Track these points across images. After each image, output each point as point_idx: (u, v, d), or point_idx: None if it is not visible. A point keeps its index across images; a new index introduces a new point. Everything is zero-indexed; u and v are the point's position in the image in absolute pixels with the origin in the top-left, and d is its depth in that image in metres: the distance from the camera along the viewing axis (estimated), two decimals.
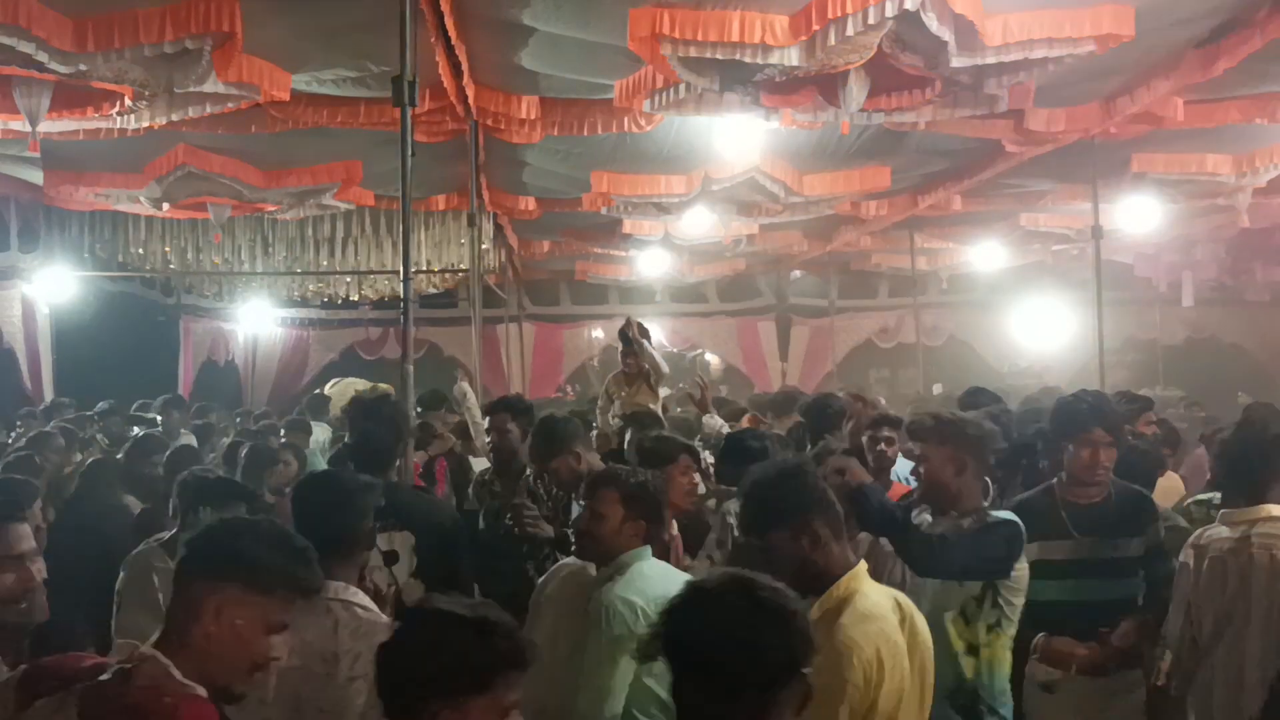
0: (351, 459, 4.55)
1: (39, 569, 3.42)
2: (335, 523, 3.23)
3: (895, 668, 2.94)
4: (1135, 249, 15.12)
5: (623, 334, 8.66)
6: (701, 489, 5.42)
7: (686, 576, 3.39)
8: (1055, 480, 4.64)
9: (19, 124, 6.82)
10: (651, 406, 7.92)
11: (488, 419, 6.15)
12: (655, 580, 3.54)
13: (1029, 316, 17.43)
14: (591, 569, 3.74)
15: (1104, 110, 8.08)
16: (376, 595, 3.59)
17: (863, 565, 3.17)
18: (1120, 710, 4.48)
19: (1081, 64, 6.48)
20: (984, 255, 15.74)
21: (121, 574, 4.56)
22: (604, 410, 8.50)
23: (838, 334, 19.40)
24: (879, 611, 3.04)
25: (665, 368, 8.56)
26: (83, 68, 5.98)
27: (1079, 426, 4.52)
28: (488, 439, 6.19)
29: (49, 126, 6.95)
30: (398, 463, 4.54)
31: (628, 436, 6.39)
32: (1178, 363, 17.63)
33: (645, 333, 8.67)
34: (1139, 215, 11.58)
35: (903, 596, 3.27)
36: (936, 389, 15.20)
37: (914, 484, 4.67)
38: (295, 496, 3.38)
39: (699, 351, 20.75)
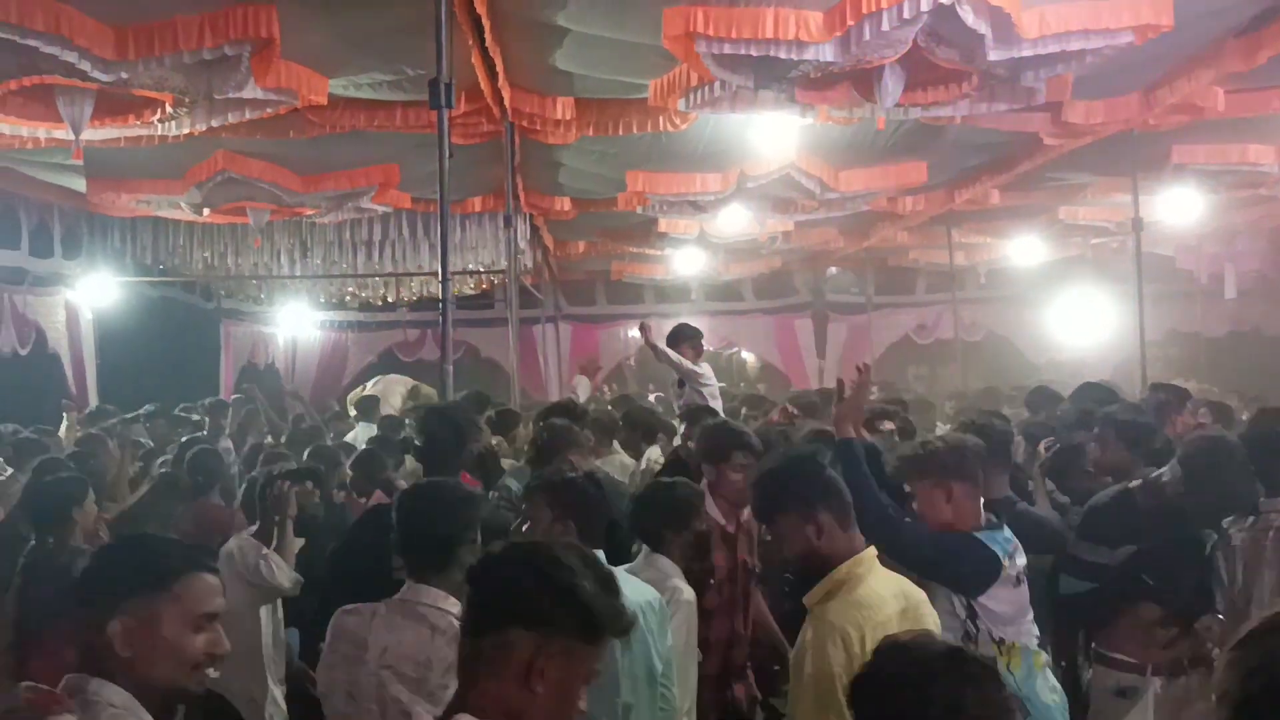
0: (419, 461, 4.67)
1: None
2: (439, 533, 3.22)
3: None
4: (1176, 241, 14.95)
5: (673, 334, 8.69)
6: None
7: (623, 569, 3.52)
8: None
9: (62, 132, 6.92)
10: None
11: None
12: None
13: (1069, 311, 17.27)
14: None
15: (1143, 101, 7.99)
16: None
17: (870, 553, 3.22)
18: (1199, 714, 4.28)
19: (1120, 55, 6.41)
20: (1023, 249, 15.62)
21: None
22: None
23: (875, 331, 19.31)
24: (870, 599, 3.08)
25: (688, 367, 8.48)
26: (124, 75, 6.06)
27: None
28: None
29: (91, 134, 7.06)
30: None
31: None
32: (1221, 356, 17.40)
33: (687, 337, 8.63)
34: (1180, 207, 11.48)
35: (912, 586, 3.28)
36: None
37: None
38: (400, 504, 3.35)
39: (735, 350, 20.71)
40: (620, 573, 3.41)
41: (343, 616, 3.26)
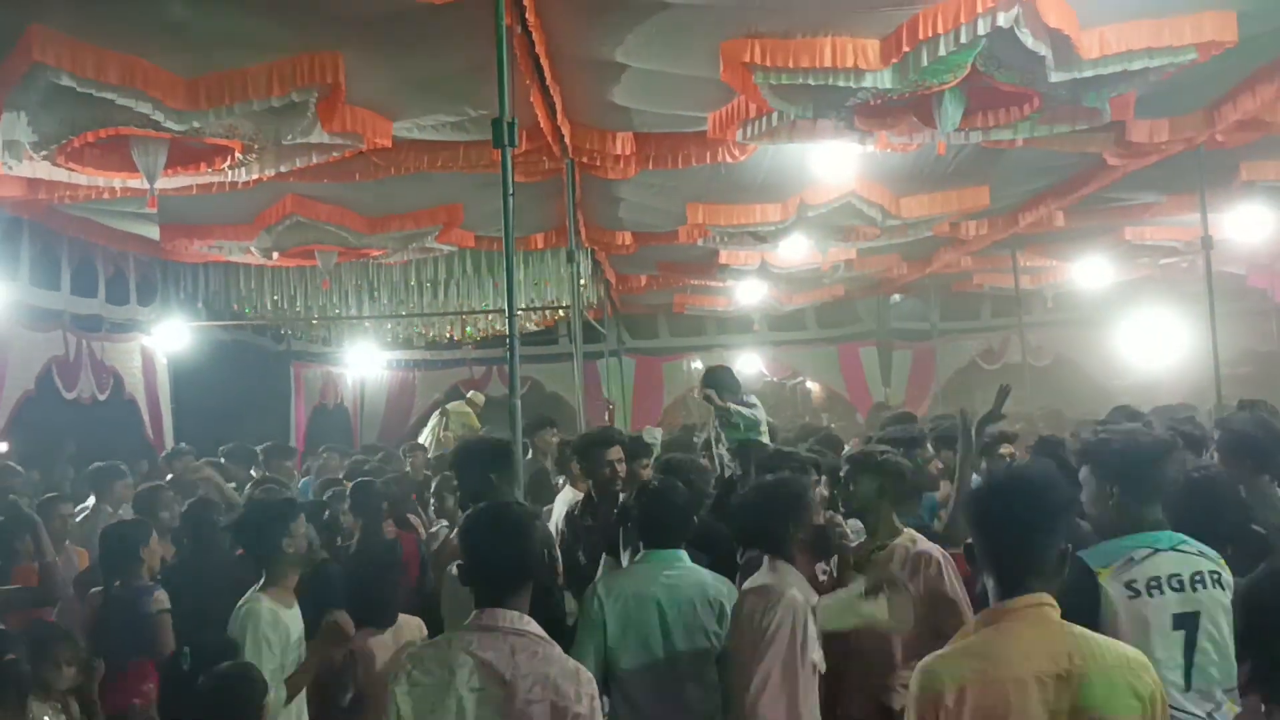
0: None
1: None
2: (506, 553, 3.23)
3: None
4: (1247, 259, 14.66)
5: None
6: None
7: None
8: None
9: (137, 181, 7.11)
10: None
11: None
12: None
13: (1138, 333, 16.97)
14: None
15: (1208, 119, 7.89)
16: None
17: (1023, 600, 2.65)
18: None
19: (1183, 72, 6.35)
20: (1089, 272, 15.40)
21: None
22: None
23: (941, 357, 19.13)
24: (988, 651, 2.63)
25: (746, 415, 8.28)
26: (195, 124, 6.22)
27: None
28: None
29: (165, 183, 7.24)
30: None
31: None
32: None
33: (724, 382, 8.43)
34: (1250, 224, 11.29)
35: (1085, 649, 2.63)
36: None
37: None
38: (466, 528, 3.37)
39: (799, 380, 20.63)
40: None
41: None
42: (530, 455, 7.91)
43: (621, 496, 5.60)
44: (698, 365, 19.61)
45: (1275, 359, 17.18)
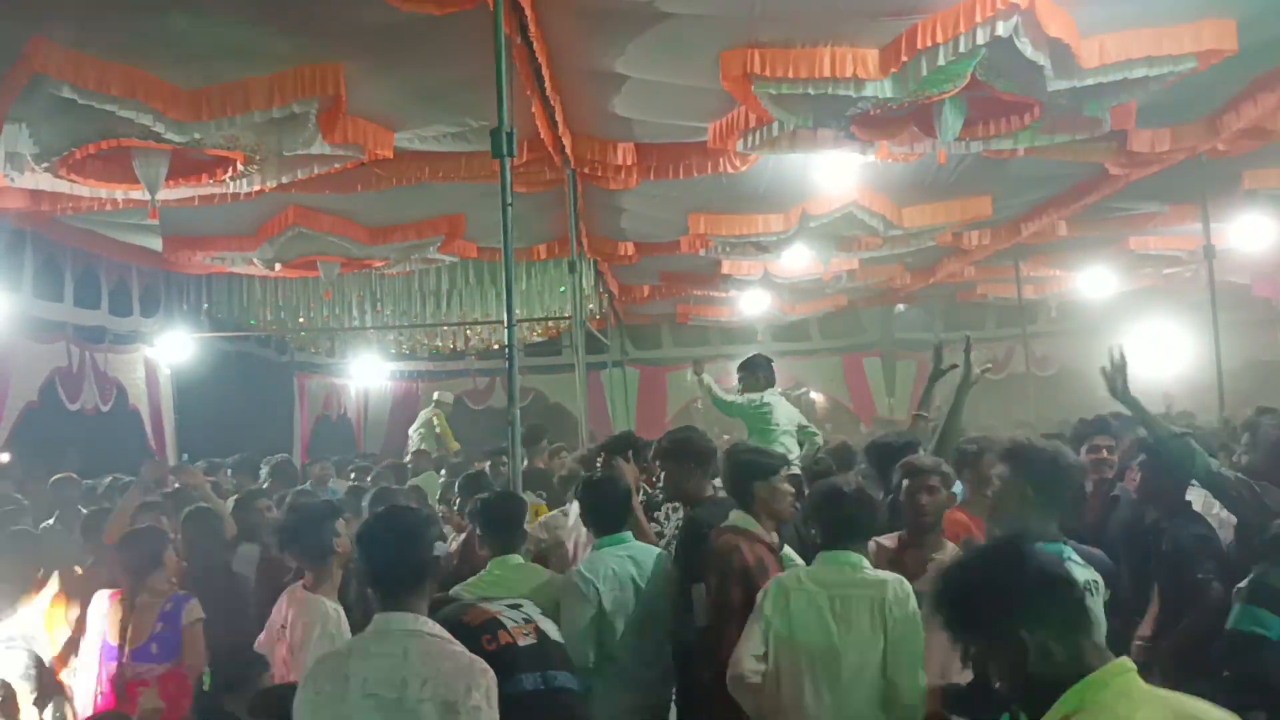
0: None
1: None
2: (403, 557, 3.33)
3: None
4: (1251, 268, 14.63)
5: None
6: None
7: None
8: None
9: (139, 193, 7.13)
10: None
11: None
12: None
13: (1143, 343, 16.92)
14: None
15: (1210, 127, 7.87)
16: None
17: (1119, 666, 2.24)
18: None
19: (1184, 81, 6.34)
20: (1093, 281, 15.37)
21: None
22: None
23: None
24: None
25: (723, 400, 8.37)
26: (197, 136, 6.25)
27: None
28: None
29: (167, 194, 7.27)
30: None
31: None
32: None
33: (750, 366, 8.50)
34: (1253, 233, 11.26)
35: (1212, 712, 2.20)
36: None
37: None
38: (363, 533, 3.44)
39: (803, 390, 20.60)
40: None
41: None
42: (527, 464, 7.92)
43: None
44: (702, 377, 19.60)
45: (1278, 368, 17.14)
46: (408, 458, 12.89)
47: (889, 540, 4.47)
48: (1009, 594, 2.26)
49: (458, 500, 7.71)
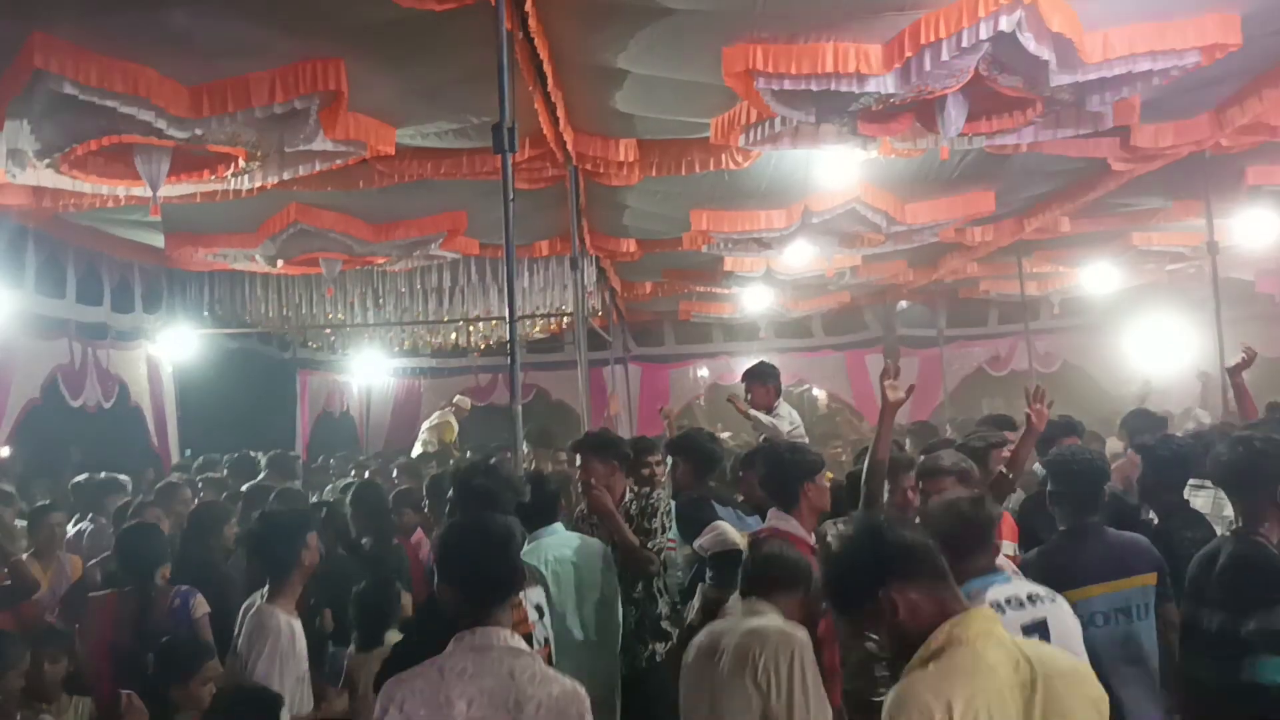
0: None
1: None
2: (496, 567, 3.15)
3: None
4: (1255, 264, 14.61)
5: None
6: None
7: None
8: None
9: (141, 189, 7.12)
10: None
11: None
12: None
13: (1146, 339, 16.92)
14: None
15: (1214, 122, 7.85)
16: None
17: (979, 613, 2.67)
18: None
19: (1188, 76, 6.32)
20: (1096, 277, 15.33)
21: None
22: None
23: (948, 364, 19.06)
24: (970, 666, 2.56)
25: (765, 422, 8.46)
26: (198, 132, 6.23)
27: None
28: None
29: (168, 190, 7.25)
30: None
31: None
32: None
33: (762, 375, 8.60)
34: (1257, 229, 11.24)
35: (1059, 656, 2.75)
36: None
37: None
38: (449, 541, 3.24)
39: (806, 387, 20.58)
40: None
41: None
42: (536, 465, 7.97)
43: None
44: (704, 373, 19.61)
45: None
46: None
47: None
48: (876, 564, 2.67)
49: (426, 503, 7.70)
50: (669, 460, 6.59)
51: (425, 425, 15.80)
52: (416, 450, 14.69)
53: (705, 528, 5.21)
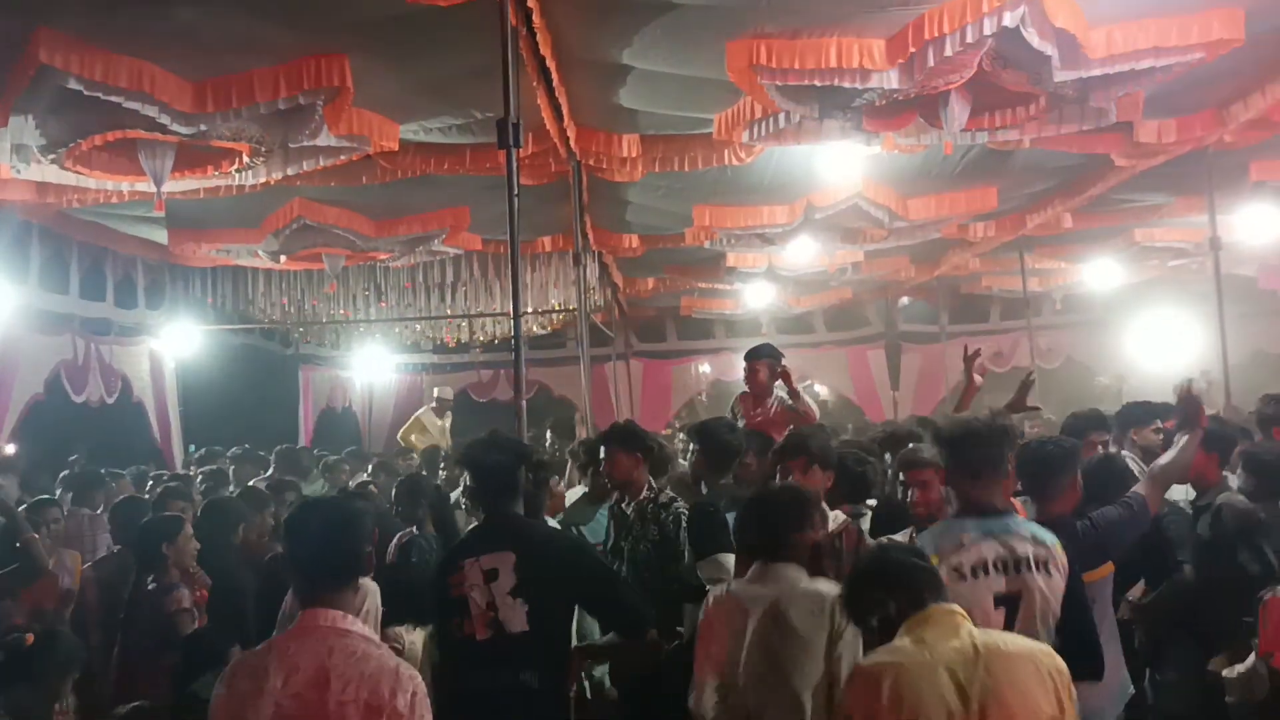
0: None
1: None
2: (335, 550, 3.16)
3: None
4: (1258, 260, 14.59)
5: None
6: None
7: None
8: None
9: (145, 185, 7.13)
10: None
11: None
12: None
13: (1148, 335, 16.90)
14: None
15: (1217, 118, 7.85)
16: (476, 611, 3.91)
17: (938, 610, 3.12)
18: None
19: (1191, 72, 6.33)
20: (1098, 273, 15.34)
21: None
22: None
23: (950, 360, 18.99)
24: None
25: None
26: (203, 128, 6.24)
27: None
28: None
29: (172, 186, 7.27)
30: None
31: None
32: None
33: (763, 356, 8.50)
34: (1260, 225, 11.23)
35: (985, 643, 3.07)
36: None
37: None
38: (292, 522, 3.26)
39: (808, 383, 20.55)
40: None
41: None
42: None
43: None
44: (706, 369, 19.61)
45: None
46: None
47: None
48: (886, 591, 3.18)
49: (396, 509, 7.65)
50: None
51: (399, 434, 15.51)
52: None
53: (711, 540, 4.94)
